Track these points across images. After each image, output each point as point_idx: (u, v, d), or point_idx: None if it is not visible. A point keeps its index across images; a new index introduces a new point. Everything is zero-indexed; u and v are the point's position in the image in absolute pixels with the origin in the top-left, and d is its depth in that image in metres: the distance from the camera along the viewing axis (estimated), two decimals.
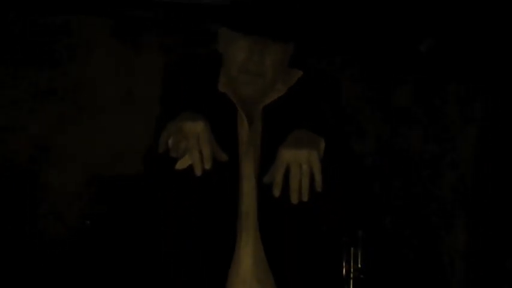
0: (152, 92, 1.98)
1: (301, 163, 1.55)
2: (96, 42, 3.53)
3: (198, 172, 1.53)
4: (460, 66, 3.72)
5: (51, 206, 3.39)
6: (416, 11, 3.37)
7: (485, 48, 3.56)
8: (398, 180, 3.76)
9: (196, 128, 1.56)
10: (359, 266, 2.96)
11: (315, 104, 1.86)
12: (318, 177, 1.55)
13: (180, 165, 1.57)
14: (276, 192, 1.55)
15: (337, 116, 1.90)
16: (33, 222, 3.39)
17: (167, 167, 1.64)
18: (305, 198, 1.53)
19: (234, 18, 1.81)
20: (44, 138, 3.44)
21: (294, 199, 1.54)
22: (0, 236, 3.32)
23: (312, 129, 1.67)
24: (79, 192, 3.45)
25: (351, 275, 2.96)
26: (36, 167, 3.41)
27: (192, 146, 1.54)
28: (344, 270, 2.97)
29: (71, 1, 3.42)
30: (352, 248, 2.96)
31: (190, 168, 1.59)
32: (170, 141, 1.57)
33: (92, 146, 3.46)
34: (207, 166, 1.55)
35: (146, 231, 3.08)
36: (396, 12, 3.44)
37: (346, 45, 3.72)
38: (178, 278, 1.75)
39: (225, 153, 1.60)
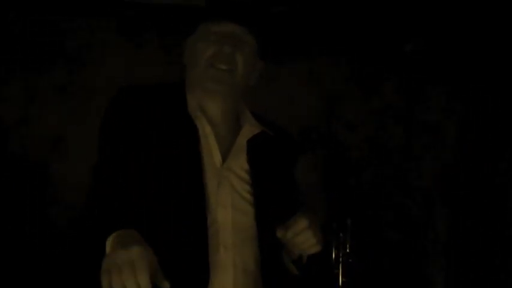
0: None
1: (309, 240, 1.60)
2: (103, 41, 3.53)
3: None
4: (441, 66, 3.77)
5: (60, 196, 3.38)
6: (401, 14, 3.43)
7: (466, 49, 3.64)
8: (382, 171, 3.79)
9: (130, 255, 1.31)
10: (347, 251, 2.82)
11: (283, 167, 1.81)
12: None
13: None
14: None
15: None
16: (43, 212, 3.38)
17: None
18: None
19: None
20: (55, 131, 3.45)
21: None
22: (11, 225, 3.33)
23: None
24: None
25: (340, 260, 2.81)
26: (47, 159, 3.42)
27: (126, 280, 1.29)
28: (333, 255, 2.83)
29: (78, 3, 3.42)
30: (341, 234, 2.84)
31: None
32: (104, 283, 1.31)
33: None
34: None
35: None
36: (382, 16, 3.50)
37: (334, 44, 3.74)
38: None
39: (167, 282, 1.37)
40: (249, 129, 1.76)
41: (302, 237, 1.59)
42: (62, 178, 3.41)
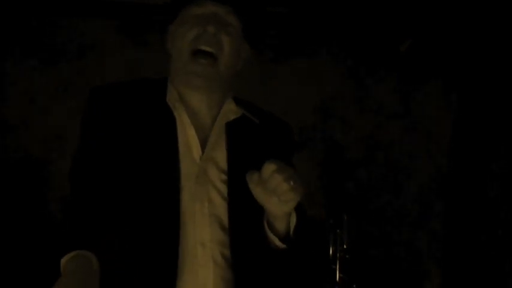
0: None
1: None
2: (104, 41, 3.54)
3: None
4: (436, 64, 3.78)
5: (62, 194, 3.41)
6: (397, 14, 3.43)
7: (459, 48, 3.65)
8: (378, 168, 3.79)
9: None
10: (344, 247, 2.97)
11: (273, 155, 1.57)
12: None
13: None
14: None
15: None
16: (45, 210, 3.39)
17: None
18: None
19: None
20: (58, 130, 3.45)
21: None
22: (13, 223, 3.34)
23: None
24: None
25: (337, 255, 2.96)
26: (48, 158, 3.43)
27: None
28: (331, 251, 2.97)
29: (79, 3, 3.42)
30: (338, 230, 2.97)
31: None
32: None
33: None
34: None
35: None
36: (378, 16, 3.51)
37: (331, 44, 3.75)
38: None
39: None
40: (226, 114, 1.65)
41: (272, 183, 1.41)
42: (63, 176, 3.39)
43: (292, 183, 1.41)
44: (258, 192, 1.47)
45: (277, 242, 1.54)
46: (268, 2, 3.40)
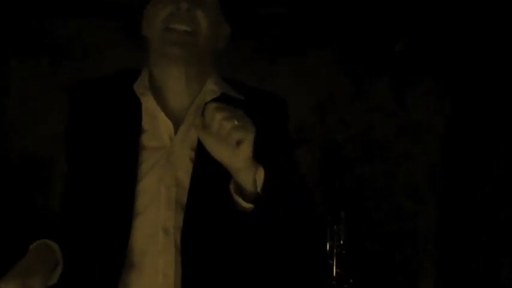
0: None
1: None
2: (108, 42, 3.56)
3: None
4: (431, 65, 3.80)
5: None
6: (392, 15, 3.47)
7: (454, 49, 3.66)
8: (375, 166, 3.81)
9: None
10: (341, 242, 2.85)
11: (262, 131, 1.44)
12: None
13: None
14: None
15: (286, 145, 1.60)
16: (45, 207, 3.41)
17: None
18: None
19: None
20: (60, 129, 3.46)
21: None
22: (16, 221, 3.34)
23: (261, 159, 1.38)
24: None
25: (334, 251, 2.84)
26: (52, 156, 3.43)
27: None
28: (328, 247, 2.85)
29: (82, 4, 3.43)
30: (335, 227, 2.85)
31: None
32: None
33: None
34: None
35: None
36: (374, 16, 3.54)
37: (328, 44, 3.77)
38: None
39: None
40: (204, 96, 1.54)
41: (214, 125, 1.29)
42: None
43: (236, 121, 1.29)
44: (209, 143, 1.34)
45: (243, 203, 1.40)
46: (265, 2, 3.42)
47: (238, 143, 1.32)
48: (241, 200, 1.40)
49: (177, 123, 1.51)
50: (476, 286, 3.50)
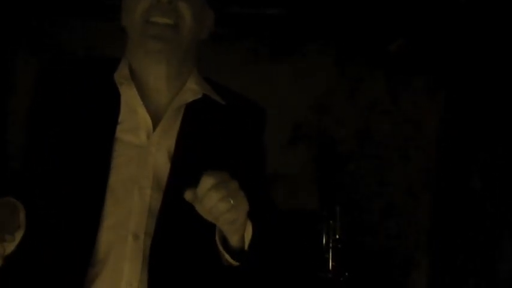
0: None
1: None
2: (110, 43, 3.26)
3: None
4: (424, 64, 3.80)
5: None
6: (387, 17, 3.46)
7: (447, 46, 3.67)
8: (369, 162, 3.82)
9: None
10: (337, 237, 2.99)
11: (239, 141, 1.43)
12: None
13: None
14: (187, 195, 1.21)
15: (260, 157, 1.51)
16: None
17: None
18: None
19: None
20: None
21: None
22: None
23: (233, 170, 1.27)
24: None
25: (330, 245, 2.99)
26: None
27: None
28: (324, 241, 3.00)
29: (85, 5, 3.41)
30: (330, 221, 2.99)
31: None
32: None
33: None
34: None
35: None
36: (368, 17, 3.52)
37: (324, 44, 3.78)
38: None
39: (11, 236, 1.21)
40: (185, 95, 1.43)
41: (207, 203, 1.19)
42: None
43: (232, 201, 1.20)
44: (199, 210, 1.25)
45: (229, 259, 1.33)
46: (265, 3, 3.43)
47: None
48: (228, 256, 1.33)
49: (154, 120, 1.39)
50: (467, 277, 3.51)
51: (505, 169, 3.29)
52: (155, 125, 1.38)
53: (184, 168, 1.34)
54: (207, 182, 1.18)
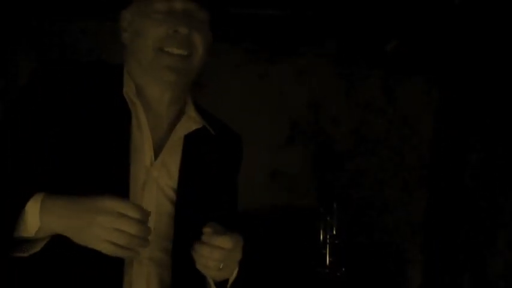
0: None
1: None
2: (113, 43, 3.47)
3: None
4: (419, 62, 3.80)
5: None
6: (383, 17, 3.45)
7: (441, 48, 3.67)
8: (366, 160, 3.82)
9: (110, 205, 1.16)
10: (334, 233, 3.02)
11: (227, 169, 1.49)
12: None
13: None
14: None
15: (236, 180, 1.55)
16: None
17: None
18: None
19: None
20: None
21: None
22: None
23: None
24: None
25: (328, 241, 3.02)
26: None
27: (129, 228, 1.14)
28: (321, 237, 3.03)
29: (88, 6, 3.39)
30: (328, 218, 3.02)
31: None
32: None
33: None
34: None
35: None
36: (365, 17, 3.50)
37: (321, 44, 3.79)
38: None
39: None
40: (188, 123, 1.42)
41: (200, 261, 1.28)
42: None
43: (221, 266, 1.28)
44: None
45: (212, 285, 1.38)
46: (264, 4, 3.44)
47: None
48: (213, 285, 1.39)
49: (155, 143, 1.38)
50: (462, 273, 3.52)
51: (498, 166, 3.30)
52: (155, 144, 1.37)
53: (190, 193, 1.37)
54: (228, 243, 1.26)
